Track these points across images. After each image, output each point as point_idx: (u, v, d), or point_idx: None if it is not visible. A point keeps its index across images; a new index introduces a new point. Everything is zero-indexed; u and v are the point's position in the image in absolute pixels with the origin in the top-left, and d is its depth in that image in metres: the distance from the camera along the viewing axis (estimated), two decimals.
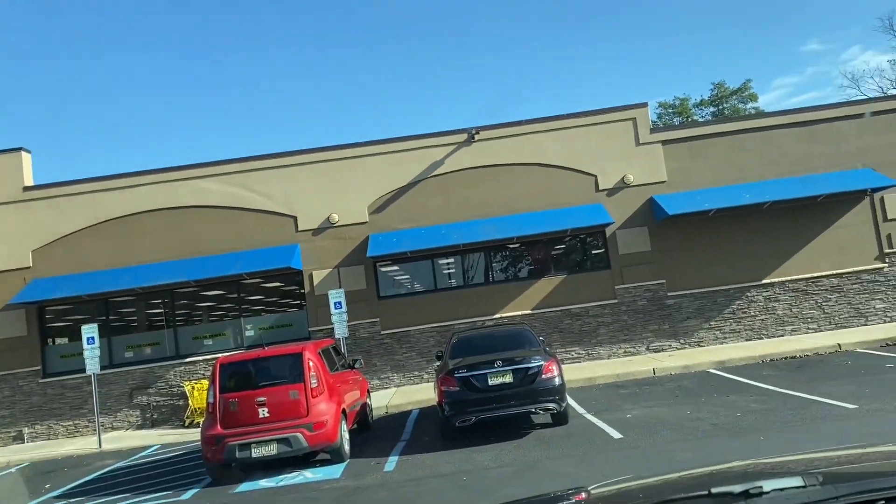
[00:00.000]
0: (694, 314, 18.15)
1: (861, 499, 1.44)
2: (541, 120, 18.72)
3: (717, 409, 11.15)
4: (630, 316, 18.12)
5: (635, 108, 18.73)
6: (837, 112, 18.79)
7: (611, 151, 18.45)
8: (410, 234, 17.96)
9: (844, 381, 12.09)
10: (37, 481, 12.81)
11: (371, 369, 17.71)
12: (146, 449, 14.85)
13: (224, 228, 18.35)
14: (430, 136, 18.74)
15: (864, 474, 1.80)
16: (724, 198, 17.63)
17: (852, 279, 18.20)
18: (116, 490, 11.03)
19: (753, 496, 1.49)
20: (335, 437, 10.66)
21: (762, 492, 1.49)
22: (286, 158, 18.63)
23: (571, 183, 18.39)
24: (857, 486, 1.49)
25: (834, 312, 18.16)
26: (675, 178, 18.34)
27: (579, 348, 18.11)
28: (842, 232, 18.26)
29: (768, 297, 18.18)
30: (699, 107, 47.33)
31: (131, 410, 17.98)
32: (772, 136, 18.54)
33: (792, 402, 10.90)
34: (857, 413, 9.68)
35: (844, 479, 1.60)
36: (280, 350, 11.65)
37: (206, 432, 10.64)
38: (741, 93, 46.07)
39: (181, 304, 18.66)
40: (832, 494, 1.45)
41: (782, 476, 1.79)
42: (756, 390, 12.34)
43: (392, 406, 15.48)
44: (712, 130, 19.04)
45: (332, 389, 11.15)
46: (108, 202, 18.41)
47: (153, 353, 18.35)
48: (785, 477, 1.66)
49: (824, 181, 17.82)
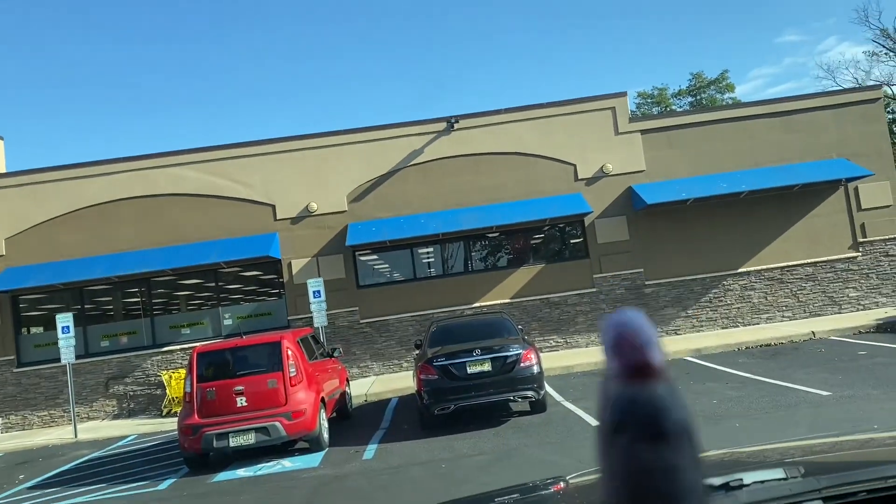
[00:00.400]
0: (671, 303, 18.31)
1: (842, 491, 1.45)
2: (520, 109, 18.71)
3: (694, 396, 11.27)
4: (608, 305, 18.23)
5: (614, 97, 18.77)
6: (812, 103, 18.98)
7: (590, 141, 18.49)
8: (390, 223, 17.91)
9: (818, 368, 12.28)
10: (10, 472, 12.66)
11: (350, 358, 17.67)
12: (123, 439, 14.73)
13: (201, 217, 18.17)
14: (409, 124, 18.66)
15: (843, 465, 1.82)
16: (701, 187, 17.76)
17: (826, 268, 18.45)
18: (92, 480, 10.94)
19: (734, 489, 1.49)
20: (314, 426, 10.63)
21: (742, 484, 1.49)
22: (264, 146, 18.47)
23: (551, 172, 18.42)
24: (838, 478, 1.50)
25: (808, 300, 18.40)
26: (653, 168, 18.44)
27: (557, 337, 18.20)
28: (817, 221, 18.48)
29: (744, 286, 18.38)
30: (677, 97, 47.56)
31: (108, 400, 17.81)
32: (748, 126, 18.70)
33: (767, 390, 11.05)
34: (830, 400, 9.83)
35: (824, 471, 1.61)
36: (258, 339, 11.60)
37: (183, 422, 10.57)
38: (718, 83, 46.33)
39: (158, 292, 18.48)
40: (814, 486, 1.45)
41: (762, 467, 1.80)
42: (732, 377, 12.49)
43: (371, 394, 15.47)
44: (690, 120, 19.16)
45: (311, 378, 11.12)
46: (83, 190, 18.15)
47: (130, 343, 18.17)
48: (765, 469, 1.67)
49: (800, 171, 18.02)
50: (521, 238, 18.70)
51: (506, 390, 10.87)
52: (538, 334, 17.93)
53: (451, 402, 10.84)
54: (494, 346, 11.10)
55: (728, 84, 46.28)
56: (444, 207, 18.20)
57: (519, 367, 10.88)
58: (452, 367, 10.87)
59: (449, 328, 12.55)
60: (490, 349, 11.02)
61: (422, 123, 18.60)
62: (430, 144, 18.46)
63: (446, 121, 18.44)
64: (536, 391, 11.00)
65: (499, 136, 18.51)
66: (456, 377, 10.83)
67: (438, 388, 10.84)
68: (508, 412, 11.75)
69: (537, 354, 11.25)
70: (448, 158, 18.45)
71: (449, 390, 10.81)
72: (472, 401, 10.87)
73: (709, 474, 1.69)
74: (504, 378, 10.82)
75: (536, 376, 10.97)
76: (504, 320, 12.64)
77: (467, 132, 18.46)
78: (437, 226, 17.51)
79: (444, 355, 11.06)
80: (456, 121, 18.40)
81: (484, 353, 10.94)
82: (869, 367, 11.82)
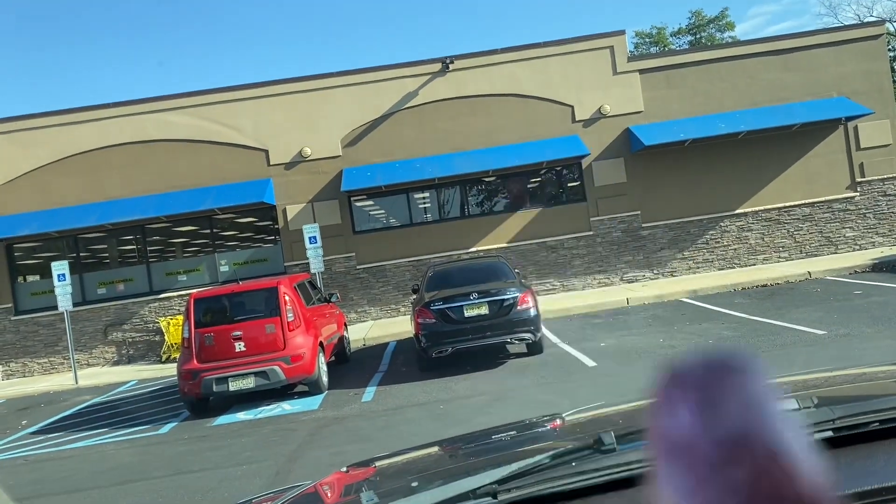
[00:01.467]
0: (668, 244, 18.30)
1: (856, 421, 1.41)
2: (516, 49, 18.34)
3: (690, 336, 11.35)
4: (605, 247, 18.23)
5: (613, 35, 18.39)
6: (813, 40, 18.62)
7: (588, 81, 18.19)
8: (385, 167, 17.73)
9: (814, 308, 12.34)
10: (13, 417, 12.80)
11: (348, 303, 17.71)
12: (123, 384, 14.86)
13: (194, 162, 17.96)
14: (403, 65, 18.31)
15: (849, 397, 1.79)
16: (699, 128, 17.56)
17: (823, 208, 18.40)
18: (94, 425, 11.06)
19: None
20: (313, 370, 10.71)
21: None
22: (255, 90, 18.13)
23: (548, 114, 18.17)
24: (851, 408, 1.47)
25: (805, 241, 18.41)
26: (651, 108, 18.19)
27: (554, 280, 18.24)
28: (815, 161, 18.35)
29: (741, 227, 18.35)
30: (676, 35, 46.76)
31: (107, 347, 17.91)
32: (747, 65, 18.39)
33: (763, 329, 11.12)
34: (825, 339, 9.90)
35: (833, 402, 1.57)
36: (255, 284, 11.59)
37: (182, 367, 10.63)
38: (718, 21, 45.54)
39: (153, 239, 18.40)
40: (828, 416, 1.42)
41: None
42: (728, 318, 12.56)
43: (369, 339, 15.57)
44: (689, 59, 18.82)
45: (309, 323, 11.14)
46: (72, 136, 17.88)
47: (127, 290, 18.17)
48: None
49: (799, 110, 17.80)
50: (518, 182, 18.56)
51: (503, 333, 10.92)
52: (535, 278, 17.95)
53: (449, 344, 10.90)
54: (491, 290, 11.11)
55: (728, 23, 45.47)
56: (440, 151, 18.00)
57: (516, 309, 10.91)
58: (450, 311, 10.90)
59: (446, 272, 12.55)
60: (487, 292, 11.03)
61: (416, 65, 18.25)
62: (425, 87, 18.14)
63: (441, 62, 18.09)
64: (533, 333, 11.05)
65: (495, 77, 18.19)
66: (453, 320, 10.87)
67: (436, 331, 10.89)
68: (506, 354, 11.83)
69: (534, 297, 11.27)
70: (443, 101, 18.16)
71: (446, 333, 10.86)
72: (470, 343, 10.93)
73: None
74: (501, 321, 10.86)
75: (533, 319, 11.01)
76: (501, 264, 12.63)
77: (462, 73, 18.13)
78: (433, 170, 17.34)
79: (441, 299, 11.08)
80: (451, 62, 18.04)
81: (481, 297, 10.96)
82: (864, 306, 11.88)
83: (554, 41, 18.37)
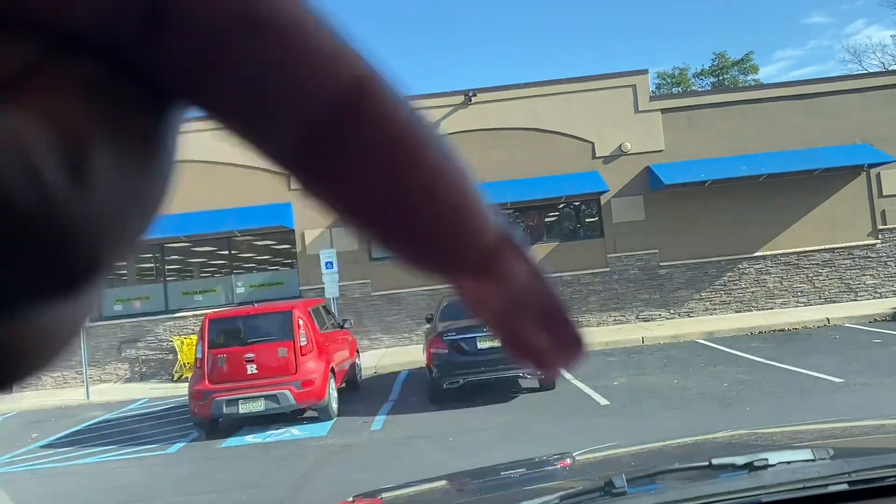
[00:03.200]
0: (685, 284, 18.17)
1: (872, 475, 1.38)
2: (539, 84, 18.48)
3: (705, 378, 11.21)
4: (621, 285, 18.12)
5: (636, 74, 18.49)
6: (837, 86, 18.61)
7: (609, 118, 18.26)
8: None
9: (832, 355, 12.15)
10: (24, 430, 12.83)
11: (361, 330, 17.69)
12: (134, 402, 14.88)
13: (216, 184, 18.12)
14: (426, 96, 18.44)
15: (866, 450, 1.76)
16: (720, 169, 17.52)
17: (844, 254, 18.21)
18: (103, 441, 11.06)
19: (758, 468, 1.42)
20: (323, 395, 10.67)
21: (768, 464, 1.43)
22: None
23: (568, 149, 18.23)
24: (867, 461, 1.44)
25: (824, 287, 18.20)
26: (672, 148, 18.20)
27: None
28: (836, 207, 18.22)
29: (759, 270, 18.20)
30: (699, 76, 46.94)
31: (120, 363, 17.98)
32: (771, 109, 18.38)
33: (779, 374, 10.96)
34: (843, 387, 9.73)
35: (849, 455, 1.55)
36: (270, 307, 11.62)
37: (193, 387, 10.63)
38: (742, 64, 45.66)
39: (172, 258, 18.55)
40: (843, 469, 1.39)
41: (786, 448, 1.74)
42: (744, 361, 12.40)
43: (381, 367, 15.51)
44: (712, 100, 18.86)
45: (322, 348, 11.14)
46: None
47: (143, 307, 18.28)
48: (790, 449, 1.60)
49: (821, 155, 17.72)
50: (536, 215, 18.57)
51: (516, 366, 10.84)
52: None
53: (461, 376, 10.83)
54: None
55: (752, 65, 45.61)
56: None
57: None
58: (463, 342, 10.85)
59: (461, 303, 12.47)
60: None
61: (439, 96, 18.41)
62: (447, 118, 18.28)
63: (464, 94, 18.25)
64: None
65: (516, 111, 18.30)
66: (466, 352, 10.82)
67: (448, 362, 10.83)
68: (517, 388, 11.74)
69: None
70: (464, 132, 18.26)
71: (459, 365, 10.80)
72: (482, 376, 10.86)
73: (731, 453, 1.63)
74: None
75: None
76: None
77: (485, 106, 18.27)
78: None
79: (454, 330, 11.03)
80: (474, 94, 18.19)
81: None
82: (884, 355, 11.70)
83: (576, 78, 18.50)
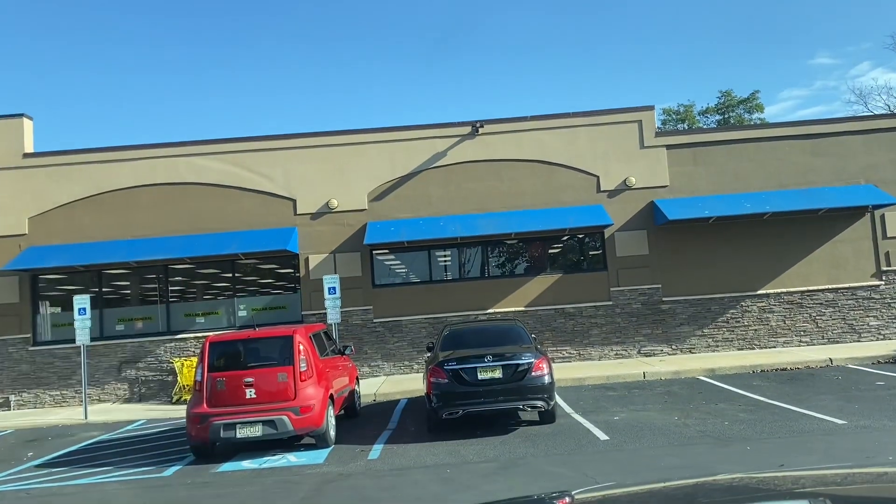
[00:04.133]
0: (687, 320, 18.13)
1: None
2: (546, 117, 18.64)
3: (705, 416, 11.13)
4: (623, 318, 18.09)
5: (642, 110, 18.65)
6: (842, 127, 18.74)
7: (614, 153, 18.39)
8: (409, 223, 17.89)
9: (834, 396, 12.08)
10: (20, 449, 12.77)
11: (361, 357, 17.66)
12: (132, 423, 14.81)
13: (222, 207, 18.27)
14: (434, 126, 18.64)
15: (862, 499, 1.75)
16: (724, 206, 17.59)
17: (848, 294, 18.18)
18: (99, 462, 10.99)
19: None
20: (321, 422, 10.62)
21: None
22: (288, 141, 18.55)
23: (573, 182, 18.34)
24: None
25: (827, 327, 18.15)
26: (677, 183, 18.30)
27: (570, 348, 18.08)
28: (840, 247, 18.24)
29: (762, 308, 18.16)
30: (704, 114, 47.25)
31: (119, 384, 17.93)
32: (776, 147, 18.49)
33: (780, 414, 10.88)
34: (845, 429, 9.66)
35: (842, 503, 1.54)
36: (271, 332, 11.60)
37: (191, 410, 10.59)
38: (748, 102, 45.98)
39: (176, 280, 18.59)
40: None
41: (778, 497, 1.73)
42: (745, 400, 12.32)
43: (380, 394, 15.44)
44: (717, 138, 18.98)
45: (321, 374, 11.10)
46: (107, 174, 18.32)
47: (145, 328, 18.29)
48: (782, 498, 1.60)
49: (826, 195, 17.79)
50: (540, 246, 18.61)
51: (515, 398, 10.79)
52: (551, 344, 17.82)
53: (460, 406, 10.78)
54: (506, 354, 11.03)
55: (758, 104, 45.94)
56: (464, 211, 18.17)
57: (530, 375, 10.81)
58: (463, 372, 10.82)
59: (462, 332, 12.50)
60: (502, 356, 10.96)
61: (446, 126, 18.58)
62: (454, 148, 18.43)
63: (471, 125, 18.41)
64: (546, 401, 10.90)
65: (523, 143, 18.45)
66: (466, 382, 10.78)
67: (448, 391, 10.79)
68: (517, 420, 11.67)
69: (549, 364, 11.16)
70: (471, 163, 18.41)
71: (458, 395, 10.75)
72: (481, 407, 10.81)
73: (731, 498, 1.61)
74: (514, 386, 10.75)
75: (547, 386, 10.89)
76: (517, 328, 12.55)
77: (491, 137, 18.42)
78: (456, 229, 17.46)
79: (455, 359, 11.01)
80: (481, 125, 18.36)
81: (495, 360, 10.88)
82: (887, 397, 11.62)
83: (583, 112, 18.66)
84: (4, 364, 17.91)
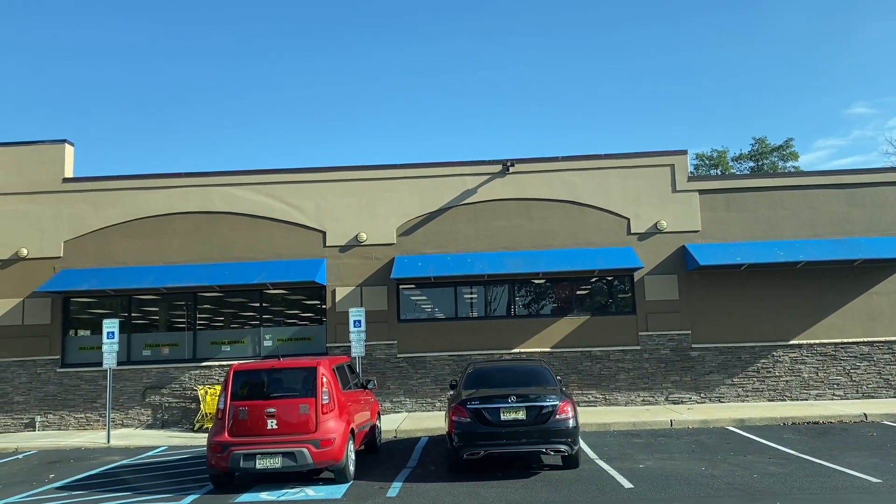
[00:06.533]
0: (717, 368, 17.78)
1: None
2: (578, 158, 18.66)
3: (734, 468, 10.82)
4: (651, 364, 17.81)
5: (675, 154, 18.59)
6: (879, 177, 18.48)
7: (646, 196, 18.30)
8: (436, 259, 17.91)
9: (869, 452, 11.69)
10: (42, 470, 12.83)
11: (384, 391, 17.57)
12: (153, 449, 14.82)
13: (253, 237, 18.48)
14: (464, 164, 18.76)
15: None
16: (757, 253, 17.35)
17: (884, 349, 17.72)
18: (118, 487, 10.98)
19: None
20: (341, 457, 10.52)
21: None
22: (320, 174, 18.79)
23: (603, 224, 18.26)
24: None
25: (862, 381, 17.67)
26: (708, 229, 18.12)
27: (596, 392, 17.80)
28: (876, 299, 17.84)
29: (795, 359, 17.76)
30: (738, 160, 46.97)
31: (143, 409, 18.01)
32: (810, 196, 18.27)
33: (812, 469, 10.54)
34: (880, 488, 9.31)
35: None
36: (295, 363, 11.58)
37: (212, 438, 10.57)
38: (782, 150, 45.65)
39: (204, 307, 18.74)
40: None
41: None
42: (775, 453, 11.97)
43: (402, 431, 15.30)
44: (751, 184, 18.80)
45: (343, 407, 11.04)
46: (141, 200, 18.66)
47: (171, 354, 18.41)
48: None
49: (861, 246, 17.47)
50: (567, 287, 18.48)
51: (539, 441, 10.59)
52: (577, 388, 17.57)
53: (482, 447, 10.61)
54: (531, 395, 10.87)
55: (792, 152, 45.60)
56: (492, 249, 18.16)
57: (554, 418, 10.62)
58: (486, 412, 10.67)
59: (486, 371, 12.37)
60: (526, 397, 10.80)
61: (477, 164, 18.68)
62: (484, 186, 18.50)
63: (502, 164, 18.49)
64: (570, 446, 10.69)
65: (553, 183, 18.45)
66: (489, 422, 10.62)
67: (470, 431, 10.63)
68: (539, 464, 11.45)
69: (574, 408, 10.97)
70: (500, 201, 18.44)
71: (480, 435, 10.59)
72: (503, 448, 10.62)
73: None
74: (538, 428, 10.56)
75: (571, 430, 10.68)
76: (543, 369, 12.39)
77: (522, 176, 18.46)
78: (483, 267, 17.43)
79: (478, 398, 10.88)
80: (511, 164, 18.43)
81: (519, 401, 10.72)
82: None
83: (615, 154, 18.65)
84: (33, 384, 18.12)
